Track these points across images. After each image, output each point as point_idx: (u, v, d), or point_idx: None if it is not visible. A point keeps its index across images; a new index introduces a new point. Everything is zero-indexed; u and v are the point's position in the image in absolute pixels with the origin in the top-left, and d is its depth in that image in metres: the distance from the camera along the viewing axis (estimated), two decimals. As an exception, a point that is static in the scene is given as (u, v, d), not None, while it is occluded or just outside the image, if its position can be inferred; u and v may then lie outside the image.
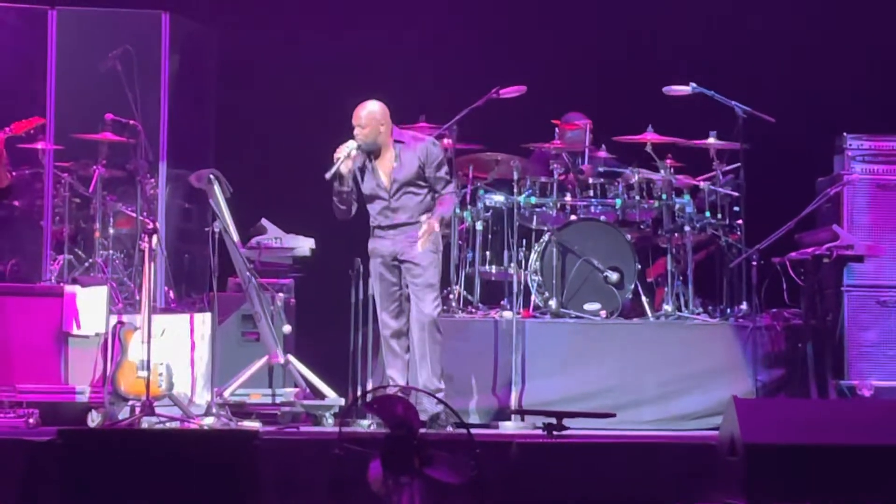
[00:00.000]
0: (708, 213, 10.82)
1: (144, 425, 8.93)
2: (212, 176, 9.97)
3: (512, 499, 7.70)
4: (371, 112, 9.29)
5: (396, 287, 9.43)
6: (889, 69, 11.75)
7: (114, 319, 9.75)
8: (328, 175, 9.23)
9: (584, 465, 7.71)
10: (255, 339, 10.27)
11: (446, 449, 7.67)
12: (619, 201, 10.78)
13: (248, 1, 12.33)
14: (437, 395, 9.17)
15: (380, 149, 9.35)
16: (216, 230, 9.80)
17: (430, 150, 9.40)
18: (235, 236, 9.98)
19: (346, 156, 9.23)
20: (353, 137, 9.28)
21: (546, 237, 10.64)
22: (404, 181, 9.34)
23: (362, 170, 9.40)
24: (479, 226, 10.72)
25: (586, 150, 11.17)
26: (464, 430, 7.91)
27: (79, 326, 9.84)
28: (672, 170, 10.89)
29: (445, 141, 10.64)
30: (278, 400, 9.98)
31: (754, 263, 10.34)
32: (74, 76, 10.99)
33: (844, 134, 10.57)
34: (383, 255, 9.42)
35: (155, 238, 9.38)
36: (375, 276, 9.50)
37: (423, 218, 9.29)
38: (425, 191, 9.37)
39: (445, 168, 9.47)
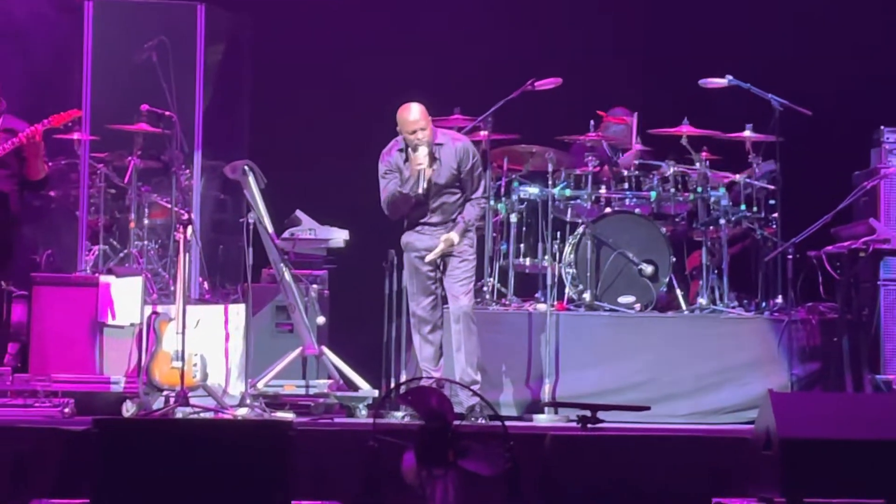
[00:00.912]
0: (743, 207, 10.78)
1: (179, 415, 8.96)
2: (246, 167, 9.98)
3: (545, 491, 7.68)
4: (422, 111, 9.31)
5: (432, 281, 9.46)
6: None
7: (148, 310, 9.77)
8: (421, 188, 9.24)
9: (618, 459, 7.69)
10: (288, 330, 10.29)
11: (480, 441, 7.66)
12: (654, 194, 10.75)
13: (284, -8, 12.35)
14: (472, 386, 9.18)
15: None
16: (250, 221, 9.81)
17: (467, 151, 9.42)
18: (270, 227, 9.99)
19: (427, 163, 9.23)
20: (408, 143, 9.29)
21: (580, 230, 10.61)
22: (442, 184, 9.36)
23: (401, 170, 9.40)
24: (513, 218, 10.70)
25: (631, 146, 11.14)
26: (498, 423, 7.90)
27: (114, 317, 9.88)
28: (707, 163, 10.85)
29: (481, 133, 10.62)
30: (312, 391, 9.99)
31: (790, 257, 10.30)
32: (110, 67, 11.02)
33: (882, 127, 10.51)
34: (419, 249, 9.44)
35: (189, 229, 9.39)
36: (410, 270, 9.52)
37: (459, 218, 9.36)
38: (461, 192, 9.40)
39: (480, 171, 9.49)
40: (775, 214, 10.74)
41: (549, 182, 10.66)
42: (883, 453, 7.67)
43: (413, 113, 9.29)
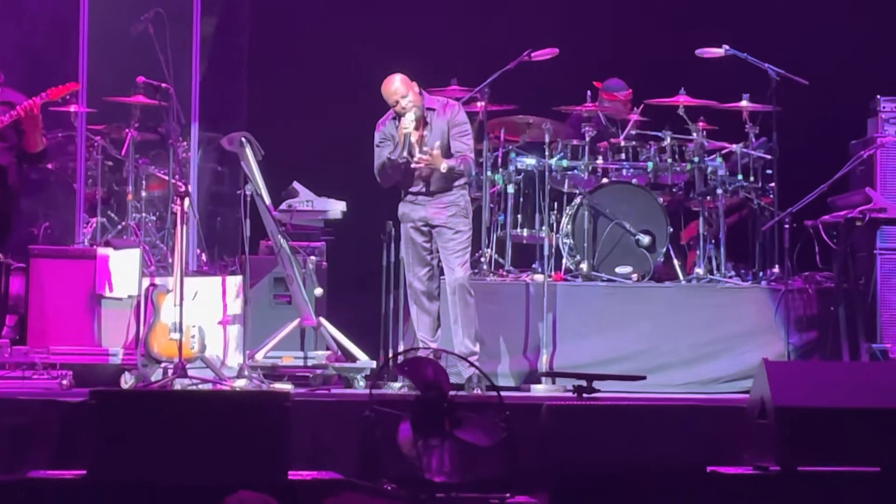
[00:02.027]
0: (740, 176, 10.78)
1: (177, 387, 8.98)
2: (243, 139, 9.98)
3: (542, 460, 7.71)
4: (403, 79, 9.44)
5: (427, 251, 9.50)
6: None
7: (146, 282, 9.79)
8: (405, 154, 9.30)
9: (614, 428, 7.70)
10: (286, 301, 10.30)
11: (476, 411, 7.69)
12: (651, 164, 10.75)
13: (281, -37, 12.32)
14: (470, 357, 9.21)
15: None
16: (248, 193, 9.82)
17: (455, 113, 9.54)
18: (267, 199, 10.00)
19: (413, 127, 9.28)
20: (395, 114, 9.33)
21: (578, 200, 10.62)
22: (436, 147, 9.38)
23: (394, 138, 9.45)
24: (510, 189, 10.70)
25: (627, 117, 11.13)
26: (494, 393, 7.93)
27: (111, 289, 9.89)
28: (704, 132, 10.85)
29: (478, 104, 10.62)
30: (310, 363, 10.01)
31: (787, 226, 10.30)
32: (107, 39, 10.99)
33: (878, 96, 10.50)
34: (414, 219, 9.48)
35: (187, 201, 9.40)
36: (407, 241, 9.56)
37: (453, 186, 9.38)
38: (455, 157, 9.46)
39: (469, 133, 9.54)
40: (772, 184, 10.74)
41: (547, 153, 10.65)
42: (878, 421, 7.70)
43: (392, 83, 9.44)
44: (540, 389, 9.85)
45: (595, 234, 10.56)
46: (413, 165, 9.39)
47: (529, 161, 10.73)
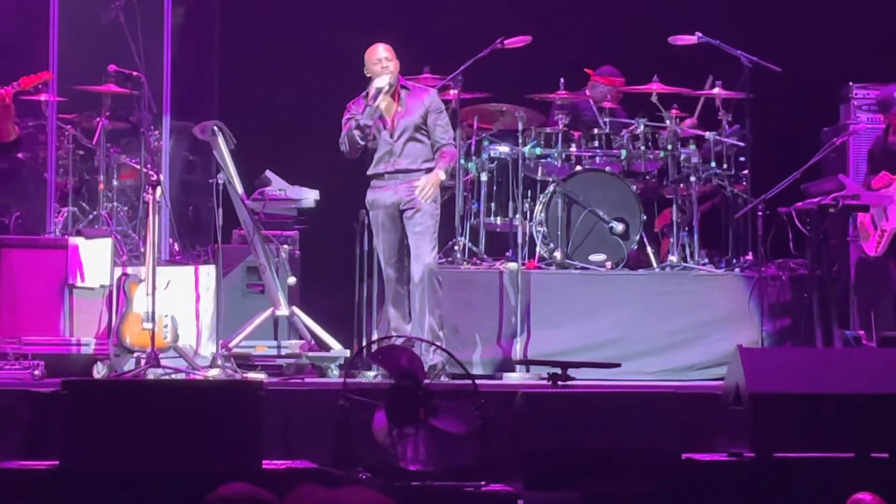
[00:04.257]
0: (713, 164, 10.78)
1: (150, 377, 8.93)
2: (215, 127, 9.93)
3: (516, 448, 7.70)
4: (390, 49, 9.47)
5: (399, 236, 9.45)
6: (894, 17, 11.67)
7: (118, 271, 9.73)
8: (366, 116, 9.27)
9: (588, 415, 7.71)
10: (259, 291, 10.26)
11: (451, 399, 7.68)
12: (624, 152, 10.75)
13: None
14: (436, 342, 9.19)
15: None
16: (220, 182, 9.76)
17: (434, 99, 9.50)
18: (239, 188, 9.95)
19: (383, 91, 9.27)
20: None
21: (551, 188, 10.61)
22: (408, 126, 9.37)
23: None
24: (483, 177, 10.68)
25: (618, 105, 11.14)
26: (468, 381, 7.91)
27: (83, 279, 9.84)
28: (677, 120, 10.85)
29: (451, 92, 10.59)
30: (283, 352, 9.96)
31: (760, 214, 10.31)
32: (77, 27, 10.92)
33: (850, 83, 10.52)
34: (385, 204, 9.44)
35: (159, 190, 9.35)
36: (378, 229, 9.52)
37: (426, 167, 9.36)
38: (428, 141, 9.41)
39: (447, 120, 9.51)
40: (745, 171, 10.75)
41: (520, 141, 10.64)
42: (851, 407, 7.72)
43: (380, 49, 9.47)
44: (514, 377, 9.84)
45: (569, 221, 10.56)
46: (420, 183, 9.31)
47: (503, 149, 10.71)
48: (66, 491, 7.24)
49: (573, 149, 10.74)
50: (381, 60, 9.43)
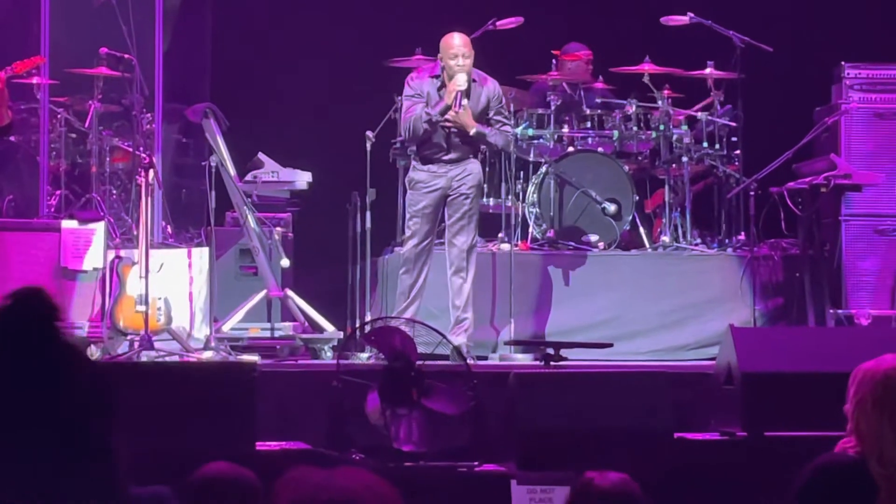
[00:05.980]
0: (706, 144, 10.79)
1: (143, 359, 8.95)
2: (208, 110, 9.94)
3: (509, 429, 7.72)
4: (467, 40, 9.41)
5: (437, 220, 9.51)
6: (888, -3, 11.68)
7: (111, 254, 9.74)
8: (440, 112, 9.28)
9: (581, 395, 7.73)
10: (253, 273, 10.27)
11: (444, 380, 7.70)
12: (616, 133, 10.75)
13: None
14: (463, 323, 9.24)
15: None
16: (213, 164, 9.77)
17: (497, 89, 9.54)
18: (232, 170, 9.96)
19: (465, 88, 9.26)
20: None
21: (543, 169, 10.61)
22: (472, 115, 9.38)
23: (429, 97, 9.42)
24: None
25: (590, 81, 11.12)
26: (461, 362, 7.93)
27: (76, 262, 9.84)
28: (670, 100, 10.85)
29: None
30: (277, 334, 9.98)
31: (752, 194, 10.32)
32: (68, 10, 10.91)
33: (842, 63, 10.52)
34: (432, 188, 9.42)
35: (151, 173, 9.36)
36: (421, 208, 9.49)
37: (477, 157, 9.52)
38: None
39: (507, 113, 9.58)
40: (737, 151, 10.76)
41: (512, 122, 10.64)
42: (843, 386, 7.72)
43: (459, 37, 9.38)
44: (507, 358, 9.85)
45: (561, 202, 10.57)
46: (450, 115, 9.28)
47: (495, 130, 10.69)
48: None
49: (565, 130, 10.74)
50: (458, 56, 9.31)
